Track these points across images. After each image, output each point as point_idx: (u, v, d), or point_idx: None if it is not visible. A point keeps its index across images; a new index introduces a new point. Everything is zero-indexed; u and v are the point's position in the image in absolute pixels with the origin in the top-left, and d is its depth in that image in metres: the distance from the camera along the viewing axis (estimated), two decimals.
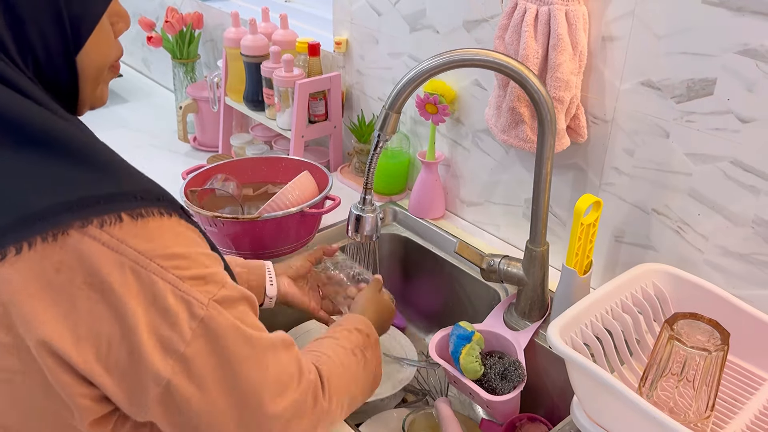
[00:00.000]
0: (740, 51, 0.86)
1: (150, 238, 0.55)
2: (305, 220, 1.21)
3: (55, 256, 0.52)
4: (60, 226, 0.52)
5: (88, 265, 0.53)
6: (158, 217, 0.57)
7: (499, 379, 1.01)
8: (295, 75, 1.44)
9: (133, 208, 0.55)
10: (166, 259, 0.56)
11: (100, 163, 0.56)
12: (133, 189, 0.56)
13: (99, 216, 0.53)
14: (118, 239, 0.54)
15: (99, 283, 0.53)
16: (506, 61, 0.90)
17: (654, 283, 0.92)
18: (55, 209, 0.52)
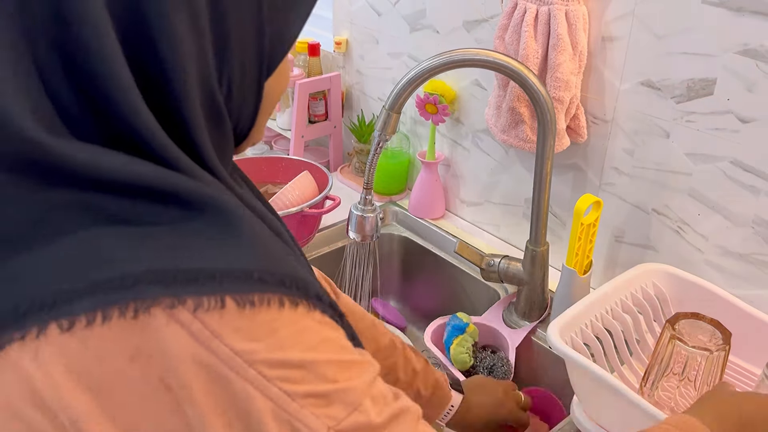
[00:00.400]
0: (740, 51, 0.86)
1: (255, 337, 0.40)
2: (305, 220, 1.21)
3: (134, 338, 0.39)
4: (143, 299, 0.39)
5: (169, 359, 0.39)
6: (276, 308, 0.41)
7: (486, 373, 1.02)
8: (295, 75, 1.44)
9: (242, 293, 0.40)
10: (273, 366, 0.41)
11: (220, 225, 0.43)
12: (249, 267, 0.42)
13: (195, 296, 0.39)
14: (212, 332, 0.39)
15: (178, 386, 0.40)
16: (506, 61, 0.90)
17: (654, 283, 0.93)
18: (143, 277, 0.39)
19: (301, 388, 0.41)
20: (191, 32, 0.42)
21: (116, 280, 0.39)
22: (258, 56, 0.48)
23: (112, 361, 0.39)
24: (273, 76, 0.50)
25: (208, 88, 0.44)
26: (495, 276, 1.09)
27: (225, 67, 0.45)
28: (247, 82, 0.48)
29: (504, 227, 1.30)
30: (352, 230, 1.03)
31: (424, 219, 1.36)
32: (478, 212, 1.34)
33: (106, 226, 0.41)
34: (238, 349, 0.40)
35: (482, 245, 1.29)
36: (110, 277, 0.39)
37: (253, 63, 0.47)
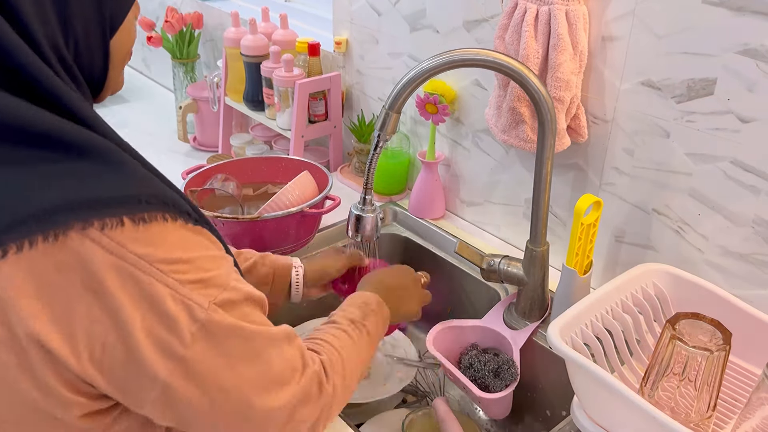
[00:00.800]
0: (740, 51, 0.86)
1: (151, 243, 0.56)
2: (305, 220, 1.21)
3: (57, 256, 0.53)
4: (61, 226, 0.53)
5: (87, 268, 0.53)
6: (161, 222, 0.57)
7: (492, 376, 1.02)
8: (295, 75, 1.44)
9: (135, 213, 0.55)
10: (167, 263, 0.56)
11: (110, 165, 0.57)
12: (138, 192, 0.56)
13: (100, 219, 0.54)
14: (117, 243, 0.54)
15: (97, 286, 0.54)
16: (506, 60, 0.90)
17: (654, 283, 0.92)
18: (58, 209, 0.53)
19: (188, 276, 0.57)
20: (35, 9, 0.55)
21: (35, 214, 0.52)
22: (99, 20, 0.61)
23: (42, 275, 0.53)
24: (117, 35, 0.64)
25: (58, 51, 0.58)
26: (495, 276, 1.09)
27: (69, 32, 0.58)
28: (92, 42, 0.61)
29: (504, 227, 1.30)
30: (352, 230, 1.03)
31: (424, 219, 1.36)
32: (478, 212, 1.34)
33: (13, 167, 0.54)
34: (140, 253, 0.55)
35: (482, 245, 1.29)
36: (29, 213, 0.52)
37: (95, 26, 0.61)
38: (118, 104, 2.06)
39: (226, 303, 0.60)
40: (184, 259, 0.58)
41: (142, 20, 1.77)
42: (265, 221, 1.14)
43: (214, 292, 0.59)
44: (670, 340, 0.74)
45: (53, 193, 0.53)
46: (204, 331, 0.58)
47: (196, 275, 0.58)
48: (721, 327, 0.75)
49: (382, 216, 1.39)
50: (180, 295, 0.57)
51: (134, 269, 0.55)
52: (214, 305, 0.59)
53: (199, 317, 0.58)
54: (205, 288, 0.59)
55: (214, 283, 0.60)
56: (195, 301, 0.58)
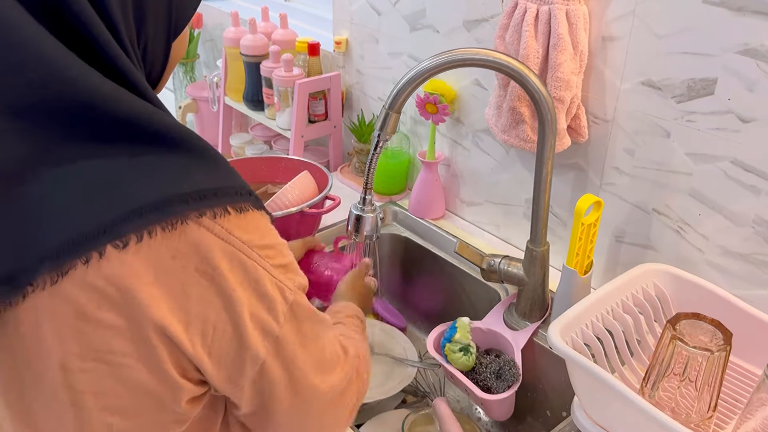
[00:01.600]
0: (741, 51, 0.86)
1: (250, 230, 0.60)
2: (305, 220, 1.20)
3: (173, 244, 0.55)
4: (179, 216, 0.55)
5: (202, 254, 0.56)
6: (253, 211, 0.62)
7: (494, 377, 1.01)
8: (295, 75, 1.44)
9: (236, 202, 0.59)
10: (262, 249, 0.61)
11: (208, 159, 0.60)
12: (233, 184, 0.61)
13: (212, 208, 0.57)
14: (227, 230, 0.58)
15: (210, 270, 0.57)
16: (507, 60, 0.90)
17: (654, 283, 0.92)
18: (175, 200, 0.55)
19: (277, 261, 0.62)
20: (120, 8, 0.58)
21: (152, 204, 0.54)
22: (167, 24, 0.64)
23: (160, 263, 0.55)
24: (177, 40, 0.67)
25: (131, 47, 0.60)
26: (495, 276, 1.09)
27: (142, 32, 0.61)
28: (158, 43, 0.64)
29: (504, 227, 1.30)
30: (352, 230, 1.02)
31: (424, 219, 1.36)
32: (478, 212, 1.34)
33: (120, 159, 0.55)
34: (245, 239, 0.59)
35: (482, 245, 1.29)
36: (146, 203, 0.54)
37: (162, 29, 0.64)
38: None
39: (301, 287, 0.66)
40: (272, 245, 0.63)
41: None
42: None
43: (294, 277, 0.65)
44: (671, 340, 0.74)
45: (165, 183, 0.56)
46: (291, 312, 0.63)
47: (281, 260, 0.63)
48: (721, 327, 0.75)
49: (382, 216, 1.39)
50: (275, 278, 0.61)
51: (241, 254, 0.58)
52: (296, 288, 0.64)
53: (289, 299, 0.63)
54: (287, 272, 0.64)
55: (292, 269, 0.65)
56: (285, 284, 0.62)
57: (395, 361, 1.19)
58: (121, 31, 0.58)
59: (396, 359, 1.19)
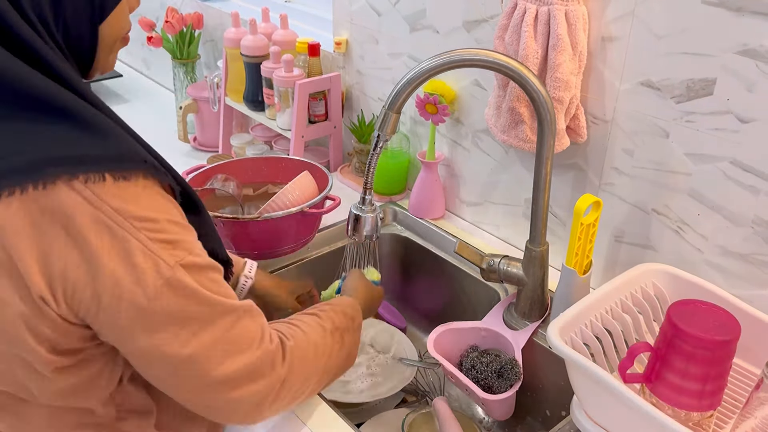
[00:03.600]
0: (740, 51, 0.86)
1: (127, 200, 0.62)
2: (305, 220, 1.21)
3: (42, 201, 0.59)
4: (50, 177, 0.59)
5: (69, 215, 0.60)
6: (139, 181, 0.63)
7: (495, 377, 1.01)
8: (295, 75, 1.44)
9: (117, 170, 0.62)
10: (140, 220, 0.62)
11: (94, 127, 0.63)
12: (120, 152, 0.63)
13: (85, 173, 0.60)
14: (97, 196, 0.60)
15: (76, 232, 0.60)
16: (506, 61, 0.90)
17: (654, 283, 0.93)
18: (47, 162, 0.59)
19: (158, 235, 0.63)
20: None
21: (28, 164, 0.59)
22: (88, 6, 0.68)
23: (28, 216, 0.59)
24: (107, 22, 0.70)
25: (47, 27, 0.64)
26: (495, 276, 1.09)
27: (59, 12, 0.65)
28: (80, 24, 0.68)
29: (504, 227, 1.30)
30: (352, 230, 1.03)
31: (424, 219, 1.36)
32: (478, 212, 1.34)
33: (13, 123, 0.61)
34: (117, 207, 0.61)
35: (482, 245, 1.29)
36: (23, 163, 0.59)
37: (84, 10, 0.67)
38: (118, 104, 2.06)
39: (192, 266, 0.65)
40: (155, 219, 0.63)
41: (142, 20, 1.77)
42: (265, 221, 1.14)
43: (181, 254, 0.64)
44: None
45: (46, 148, 0.60)
46: (168, 287, 0.63)
47: (165, 235, 0.63)
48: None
49: (382, 216, 1.39)
50: (149, 250, 0.62)
51: (110, 221, 0.61)
52: (180, 265, 0.64)
53: (165, 274, 0.63)
54: (173, 249, 0.64)
55: (182, 246, 0.65)
56: (162, 258, 0.63)
57: (395, 361, 1.19)
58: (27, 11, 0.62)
59: (396, 359, 1.19)
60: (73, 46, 0.68)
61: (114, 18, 0.71)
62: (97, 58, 0.72)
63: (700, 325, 0.73)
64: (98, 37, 0.71)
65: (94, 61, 0.72)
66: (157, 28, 1.81)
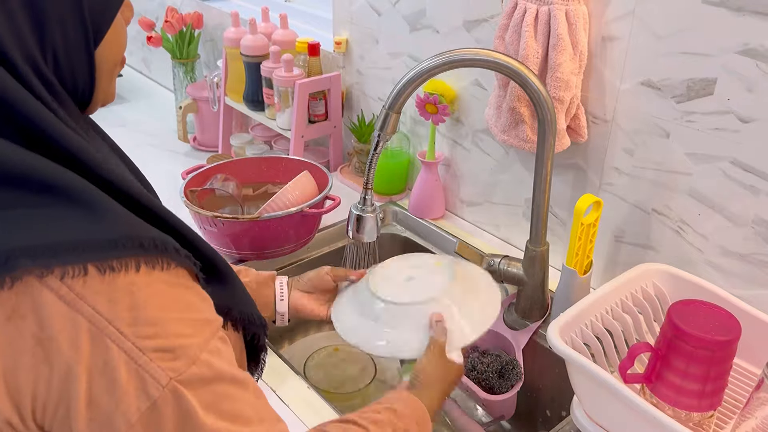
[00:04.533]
0: (740, 51, 0.86)
1: (114, 298, 0.49)
2: (305, 220, 1.21)
3: (9, 302, 0.48)
4: (17, 271, 0.48)
5: (40, 319, 0.48)
6: (132, 272, 0.50)
7: (496, 377, 1.01)
8: (295, 75, 1.44)
9: (103, 260, 0.49)
10: (129, 324, 0.50)
11: (81, 205, 0.51)
12: (109, 236, 0.50)
13: (61, 266, 0.48)
14: (76, 294, 0.49)
15: (46, 339, 0.48)
16: (506, 61, 0.90)
17: (654, 283, 0.92)
18: (15, 253, 0.48)
19: (152, 343, 0.50)
20: (2, 15, 0.50)
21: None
22: (81, 27, 0.55)
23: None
24: (103, 45, 0.58)
25: (34, 64, 0.52)
26: (495, 276, 1.09)
27: (46, 42, 0.53)
28: (73, 52, 0.55)
29: (504, 227, 1.30)
30: (352, 230, 1.03)
31: (424, 219, 1.36)
32: (478, 212, 1.34)
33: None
34: (100, 309, 0.49)
35: (482, 245, 1.29)
36: None
37: (76, 34, 0.55)
38: (118, 104, 2.06)
39: (194, 381, 0.52)
40: (153, 321, 0.51)
41: (142, 20, 1.77)
42: (265, 221, 1.14)
43: (181, 366, 0.51)
44: None
45: (13, 236, 0.48)
46: (155, 412, 0.50)
47: (163, 342, 0.51)
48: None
49: (382, 216, 1.39)
50: (137, 364, 0.50)
51: (91, 326, 0.49)
52: (176, 382, 0.51)
53: (153, 395, 0.50)
54: (172, 360, 0.51)
55: (185, 354, 0.52)
56: (153, 374, 0.50)
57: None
58: (9, 51, 0.50)
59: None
60: (68, 80, 0.56)
61: (110, 39, 0.58)
62: (97, 88, 0.60)
63: (700, 325, 0.73)
64: (95, 65, 0.58)
65: (94, 93, 0.60)
66: (157, 27, 1.81)
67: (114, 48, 0.60)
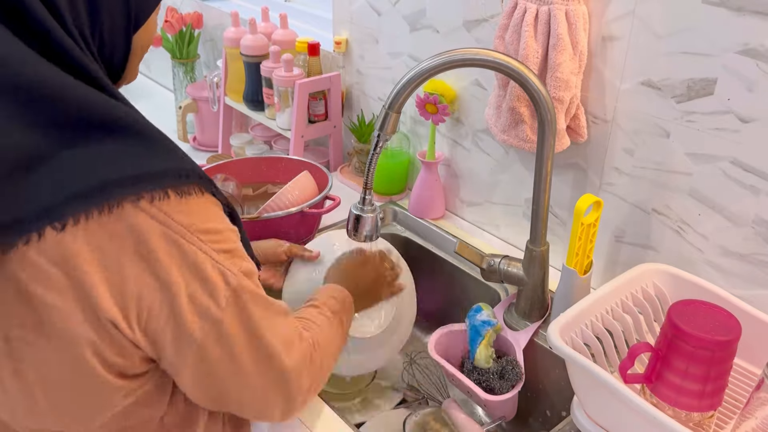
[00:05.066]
0: (740, 51, 0.86)
1: (191, 213, 0.62)
2: (305, 220, 1.21)
3: (110, 225, 0.58)
4: (115, 199, 0.58)
5: (138, 235, 0.59)
6: (197, 195, 0.63)
7: (497, 378, 1.01)
8: (295, 75, 1.44)
9: (178, 185, 0.61)
10: (204, 233, 0.62)
11: (152, 143, 0.62)
12: (178, 167, 0.62)
13: (149, 192, 0.59)
14: (165, 213, 0.60)
15: (147, 252, 0.59)
16: (506, 60, 0.90)
17: (654, 283, 0.92)
18: (112, 184, 0.58)
19: (221, 246, 0.64)
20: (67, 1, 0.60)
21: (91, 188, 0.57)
22: (125, 16, 0.66)
23: (97, 244, 0.58)
24: (140, 31, 0.69)
25: (84, 38, 0.62)
26: (495, 276, 1.09)
27: (96, 23, 0.63)
28: (116, 35, 0.66)
29: (504, 227, 1.30)
30: (352, 230, 1.02)
31: (424, 219, 1.36)
32: (478, 212, 1.34)
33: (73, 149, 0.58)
34: (184, 222, 0.61)
35: (482, 245, 1.29)
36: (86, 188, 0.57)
37: (120, 20, 0.66)
38: None
39: (248, 272, 0.67)
40: (217, 230, 0.64)
41: None
42: (265, 221, 1.14)
43: (239, 262, 0.65)
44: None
45: (107, 170, 0.58)
46: (235, 296, 0.64)
47: (226, 245, 0.64)
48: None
49: (382, 216, 1.39)
50: (217, 262, 0.63)
51: (179, 237, 0.60)
52: (241, 273, 0.65)
53: (232, 283, 0.64)
54: (233, 258, 0.65)
55: (239, 254, 0.66)
56: (228, 268, 0.64)
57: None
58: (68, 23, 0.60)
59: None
60: (107, 57, 0.67)
61: (145, 27, 0.70)
62: (128, 68, 0.72)
63: (700, 325, 0.73)
64: (131, 48, 0.69)
65: (125, 71, 0.72)
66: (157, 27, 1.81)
67: (147, 35, 0.71)
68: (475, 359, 1.02)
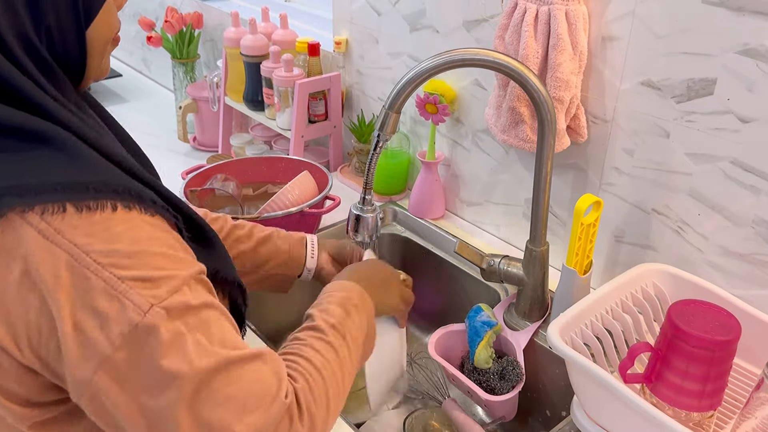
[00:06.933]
0: (740, 51, 0.86)
1: (92, 232, 0.54)
2: (305, 220, 1.21)
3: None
4: (2, 209, 0.53)
5: (23, 252, 0.53)
6: (108, 211, 0.55)
7: (497, 378, 1.01)
8: (295, 75, 1.44)
9: (79, 200, 0.54)
10: (105, 255, 0.54)
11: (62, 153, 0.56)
12: (86, 180, 0.55)
13: (42, 204, 0.54)
14: (55, 229, 0.53)
15: (33, 271, 0.53)
16: (506, 60, 0.90)
17: (654, 283, 0.92)
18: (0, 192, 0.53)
19: (131, 272, 0.54)
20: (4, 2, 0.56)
21: None
22: (73, 10, 0.61)
23: None
24: (95, 25, 0.63)
25: (27, 40, 0.58)
26: (495, 276, 1.09)
27: (41, 21, 0.59)
28: (66, 31, 0.61)
29: (504, 227, 1.30)
30: (352, 230, 1.03)
31: (424, 219, 1.36)
32: (478, 212, 1.34)
33: None
34: (77, 242, 0.53)
35: (482, 245, 1.29)
36: None
37: (68, 16, 0.60)
38: (118, 104, 2.06)
39: (177, 307, 0.55)
40: (129, 253, 0.54)
41: (142, 20, 1.77)
42: (265, 221, 1.14)
43: (162, 294, 0.55)
44: None
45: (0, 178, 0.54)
46: (137, 335, 0.53)
47: (142, 272, 0.54)
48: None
49: (382, 216, 1.39)
50: (116, 291, 0.53)
51: (69, 258, 0.53)
52: (159, 308, 0.54)
53: (134, 319, 0.53)
54: (152, 288, 0.54)
55: (166, 284, 0.55)
56: (133, 300, 0.53)
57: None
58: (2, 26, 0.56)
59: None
60: (61, 56, 0.62)
61: (101, 19, 0.63)
62: (89, 65, 0.65)
63: (700, 325, 0.73)
64: (86, 43, 0.63)
65: (86, 68, 0.65)
66: (157, 27, 1.81)
67: (104, 28, 0.65)
68: (475, 360, 1.02)
